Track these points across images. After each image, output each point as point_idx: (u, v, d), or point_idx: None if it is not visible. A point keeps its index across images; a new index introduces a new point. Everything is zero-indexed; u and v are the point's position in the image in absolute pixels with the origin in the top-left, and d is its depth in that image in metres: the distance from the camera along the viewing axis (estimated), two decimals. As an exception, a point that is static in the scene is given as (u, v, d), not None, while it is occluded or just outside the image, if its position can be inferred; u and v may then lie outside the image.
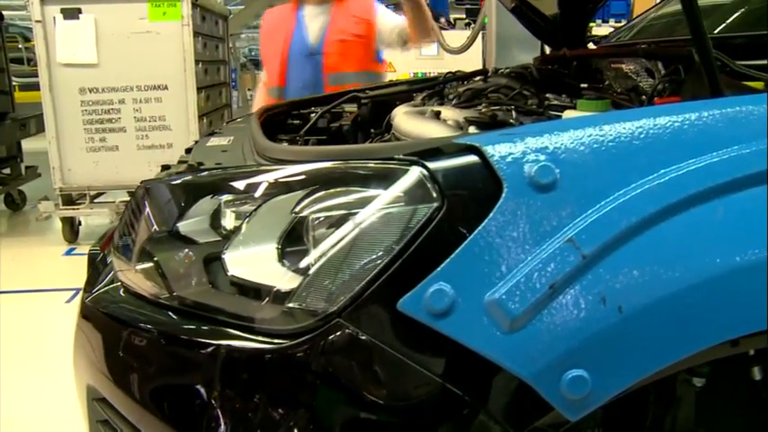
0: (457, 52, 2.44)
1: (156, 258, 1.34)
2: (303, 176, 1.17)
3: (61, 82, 5.26)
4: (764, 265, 0.97)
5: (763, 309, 0.96)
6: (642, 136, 1.00)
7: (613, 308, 0.94)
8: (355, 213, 1.05)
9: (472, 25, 9.16)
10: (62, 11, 5.17)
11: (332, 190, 1.11)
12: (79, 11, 5.14)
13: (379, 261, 1.01)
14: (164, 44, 5.28)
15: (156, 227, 1.42)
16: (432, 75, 4.59)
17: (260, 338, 1.10)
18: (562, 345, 0.94)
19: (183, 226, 1.36)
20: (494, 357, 0.95)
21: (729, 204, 0.98)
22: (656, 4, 2.65)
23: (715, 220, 0.97)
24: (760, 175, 0.99)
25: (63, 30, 5.17)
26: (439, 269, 0.97)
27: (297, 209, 1.13)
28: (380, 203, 1.03)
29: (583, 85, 1.92)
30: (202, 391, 1.13)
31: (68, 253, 5.44)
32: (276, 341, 1.08)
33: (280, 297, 1.09)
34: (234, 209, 1.28)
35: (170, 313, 1.25)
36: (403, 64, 6.91)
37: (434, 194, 1.00)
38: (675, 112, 1.03)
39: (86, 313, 1.42)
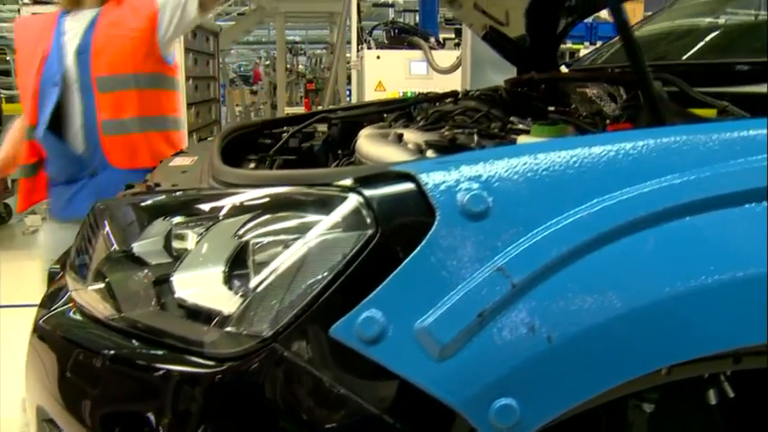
0: (446, 72, 2.46)
1: (108, 279, 1.35)
2: (248, 201, 1.18)
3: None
4: (695, 294, 0.97)
5: (693, 336, 0.97)
6: (576, 165, 1.00)
7: (542, 337, 0.94)
8: (294, 239, 1.06)
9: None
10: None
11: (273, 215, 1.12)
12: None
13: (314, 287, 1.01)
14: None
15: (110, 247, 1.43)
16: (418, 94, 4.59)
17: (202, 362, 1.10)
18: (491, 373, 0.94)
19: (138, 247, 1.37)
20: (423, 385, 0.95)
21: (660, 234, 0.98)
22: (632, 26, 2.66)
23: (645, 250, 0.98)
24: (691, 205, 0.99)
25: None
26: (370, 296, 0.97)
27: (240, 233, 1.14)
28: (318, 230, 1.04)
29: (550, 108, 1.93)
30: (147, 415, 1.13)
31: (55, 267, 5.41)
32: (215, 365, 1.08)
33: (222, 320, 1.10)
34: (184, 231, 1.29)
35: (119, 335, 1.25)
36: (393, 82, 6.94)
37: (369, 222, 1.00)
38: (611, 141, 1.03)
39: (38, 332, 1.42)
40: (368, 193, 1.02)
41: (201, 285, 1.17)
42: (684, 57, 2.18)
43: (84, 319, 1.36)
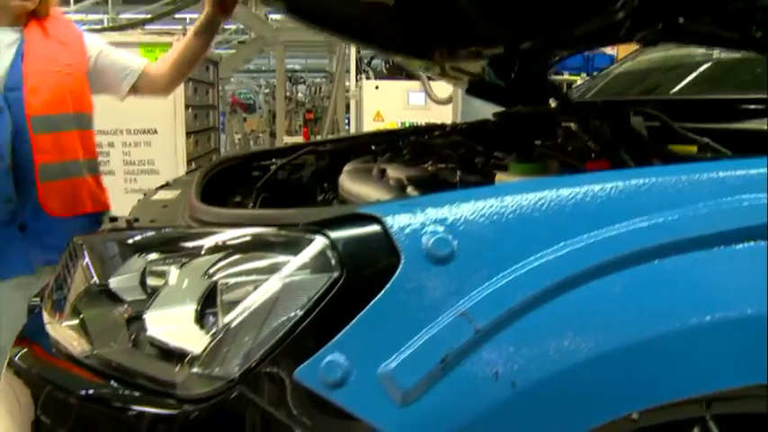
0: (443, 103, 2.45)
1: (82, 315, 1.34)
2: (219, 241, 1.17)
3: (51, 123, 5.28)
4: (662, 339, 0.97)
5: (661, 381, 0.96)
6: (543, 207, 1.00)
7: (506, 383, 0.93)
8: (262, 280, 1.05)
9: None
10: (57, 56, 5.22)
11: (243, 255, 1.12)
12: None
13: (280, 329, 1.01)
14: None
15: (87, 282, 1.43)
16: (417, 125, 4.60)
17: (172, 403, 1.09)
18: (454, 420, 0.93)
19: (114, 282, 1.37)
20: (386, 430, 0.94)
21: (628, 278, 0.98)
22: (620, 61, 2.68)
23: (612, 295, 0.97)
24: (659, 249, 0.99)
25: None
26: (334, 339, 0.97)
27: (210, 272, 1.14)
28: (285, 272, 1.03)
29: (537, 143, 1.93)
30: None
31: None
32: (185, 406, 1.07)
33: (192, 360, 1.09)
34: (159, 268, 1.28)
35: (92, 373, 1.25)
36: (391, 113, 6.98)
37: (334, 264, 1.00)
38: (579, 183, 1.03)
39: (13, 368, 1.41)
40: (334, 235, 1.01)
41: (173, 324, 1.16)
42: (674, 90, 2.19)
43: (60, 356, 1.35)
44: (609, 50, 8.68)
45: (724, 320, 0.99)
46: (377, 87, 7.30)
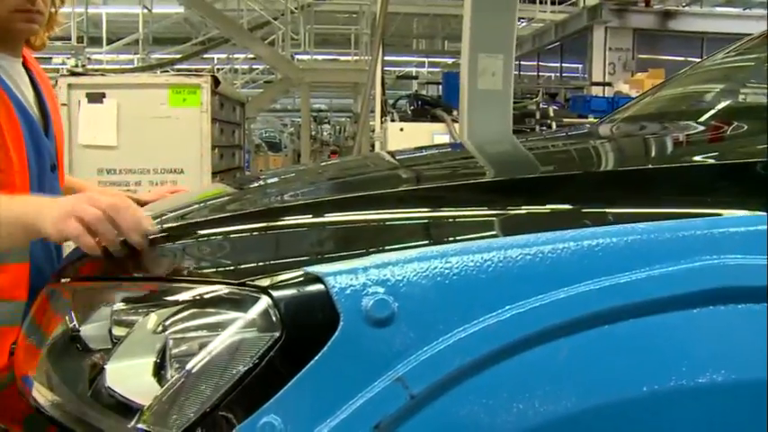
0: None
1: (50, 363, 1.35)
2: (178, 293, 1.17)
3: (81, 162, 5.32)
4: (609, 408, 0.94)
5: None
6: (490, 269, 0.98)
7: (441, 452, 0.90)
8: (207, 337, 1.04)
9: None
10: (87, 95, 5.31)
11: (195, 310, 1.11)
12: (103, 95, 5.25)
13: (220, 388, 1.00)
14: (182, 129, 5.33)
15: (59, 330, 1.44)
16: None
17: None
18: (387, 489, 0.90)
19: (84, 330, 1.37)
20: (318, 497, 0.91)
21: (573, 345, 0.95)
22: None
23: (557, 362, 0.94)
24: (607, 313, 0.96)
25: (87, 113, 5.29)
26: (271, 401, 0.95)
27: (165, 325, 1.13)
28: (229, 330, 1.02)
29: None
30: None
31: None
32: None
33: (138, 415, 1.09)
34: (124, 318, 1.28)
35: (53, 424, 1.25)
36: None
37: (275, 324, 0.99)
38: (529, 244, 1.01)
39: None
40: (277, 294, 1.00)
41: (132, 376, 1.16)
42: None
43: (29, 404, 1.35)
44: (633, 93, 8.70)
45: (677, 388, 0.96)
46: (401, 130, 7.34)
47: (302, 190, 1.77)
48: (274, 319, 0.99)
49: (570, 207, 1.22)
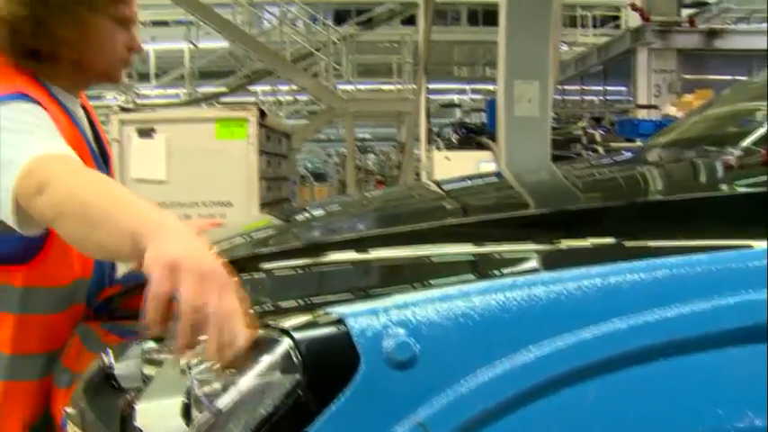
0: None
1: (84, 401, 1.37)
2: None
3: (132, 196, 5.40)
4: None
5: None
6: (514, 308, 0.96)
7: (465, 499, 0.88)
8: (230, 378, 1.04)
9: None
10: (138, 130, 5.42)
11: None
12: (153, 130, 5.37)
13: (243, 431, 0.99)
14: (229, 162, 5.42)
15: (93, 367, 1.46)
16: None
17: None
18: None
19: (118, 369, 1.39)
20: None
21: (602, 386, 0.92)
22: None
23: (584, 405, 0.91)
24: (637, 353, 0.93)
25: (137, 148, 5.41)
26: (291, 446, 0.94)
27: (190, 365, 1.13)
28: (251, 372, 1.02)
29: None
30: None
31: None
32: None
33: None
34: (156, 357, 1.30)
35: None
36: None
37: (297, 366, 0.98)
38: (554, 281, 0.98)
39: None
40: (299, 336, 0.99)
41: (161, 416, 1.16)
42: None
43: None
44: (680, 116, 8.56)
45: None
46: (447, 158, 7.36)
47: (335, 226, 1.78)
48: (296, 361, 0.98)
49: (602, 240, 1.20)
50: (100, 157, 1.69)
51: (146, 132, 5.45)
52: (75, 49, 1.58)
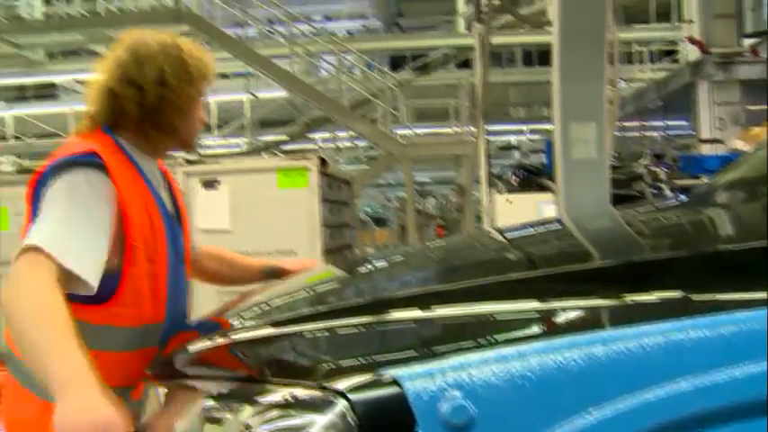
0: None
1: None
2: (260, 393, 1.18)
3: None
4: None
5: None
6: (572, 369, 0.94)
7: None
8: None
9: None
10: (202, 182, 5.54)
11: (277, 411, 1.11)
12: (217, 181, 5.47)
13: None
14: (292, 210, 5.42)
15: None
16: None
17: None
18: None
19: (179, 427, 1.42)
20: None
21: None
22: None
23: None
24: (704, 417, 0.90)
25: (203, 198, 5.51)
26: None
27: (249, 424, 1.14)
28: (307, 432, 1.02)
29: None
30: None
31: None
32: None
33: None
34: (215, 415, 1.31)
35: None
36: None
37: (352, 427, 0.97)
38: (614, 340, 0.96)
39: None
40: (354, 398, 0.99)
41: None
42: None
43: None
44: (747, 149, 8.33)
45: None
46: (509, 201, 7.35)
47: (395, 280, 1.78)
48: (352, 423, 0.98)
49: (667, 294, 1.16)
50: (175, 214, 1.85)
51: (210, 183, 5.55)
52: (175, 129, 1.77)
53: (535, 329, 1.11)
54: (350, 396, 1.00)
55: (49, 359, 1.35)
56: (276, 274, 2.13)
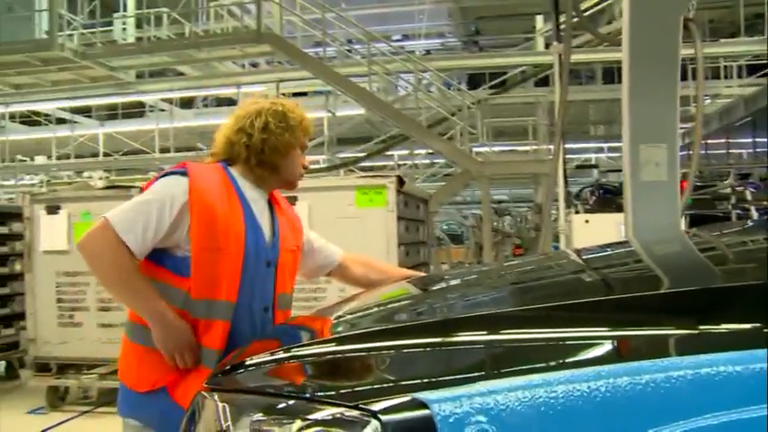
0: None
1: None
2: (302, 411, 1.23)
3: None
4: None
5: None
6: (597, 400, 0.95)
7: None
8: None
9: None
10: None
11: (317, 428, 1.16)
12: (296, 198, 5.45)
13: None
14: (369, 228, 5.46)
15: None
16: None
17: None
18: None
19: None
20: None
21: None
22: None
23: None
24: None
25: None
26: None
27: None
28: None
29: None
30: None
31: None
32: None
33: None
34: (261, 428, 1.37)
35: None
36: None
37: (384, 448, 1.01)
38: (641, 372, 0.97)
39: None
40: (385, 419, 1.03)
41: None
42: None
43: None
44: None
45: None
46: (587, 221, 7.25)
47: (462, 301, 1.79)
48: (383, 442, 1.02)
49: (711, 326, 1.15)
50: (270, 235, 2.35)
51: (290, 201, 5.63)
52: (276, 167, 2.31)
53: (570, 358, 1.12)
54: (381, 417, 1.04)
55: (139, 305, 2.20)
56: None
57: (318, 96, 14.59)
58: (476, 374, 1.08)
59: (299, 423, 1.21)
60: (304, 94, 14.85)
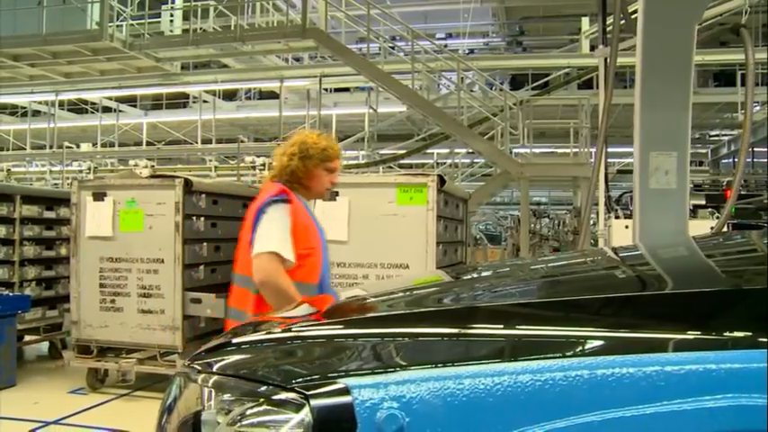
0: None
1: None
2: (240, 390, 1.32)
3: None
4: None
5: None
6: (498, 393, 1.03)
7: None
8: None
9: (716, 214, 8.76)
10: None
11: (263, 407, 1.25)
12: (337, 193, 5.54)
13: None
14: (408, 226, 5.49)
15: (191, 410, 1.65)
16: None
17: None
18: None
19: (204, 415, 1.57)
20: None
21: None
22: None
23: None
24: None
25: (323, 210, 5.54)
26: None
27: (236, 419, 1.29)
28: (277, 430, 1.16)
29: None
30: None
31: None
32: None
33: None
34: (227, 407, 1.46)
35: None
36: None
37: (310, 428, 1.11)
38: (542, 370, 1.05)
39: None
40: (314, 402, 1.12)
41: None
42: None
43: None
44: None
45: None
46: (626, 227, 7.17)
47: (489, 291, 1.85)
48: (309, 425, 1.11)
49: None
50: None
51: (331, 196, 5.71)
52: (310, 185, 3.19)
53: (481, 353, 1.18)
54: (311, 400, 1.13)
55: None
56: None
57: (360, 93, 14.69)
58: (398, 364, 1.16)
59: (245, 402, 1.30)
60: (346, 89, 14.97)
